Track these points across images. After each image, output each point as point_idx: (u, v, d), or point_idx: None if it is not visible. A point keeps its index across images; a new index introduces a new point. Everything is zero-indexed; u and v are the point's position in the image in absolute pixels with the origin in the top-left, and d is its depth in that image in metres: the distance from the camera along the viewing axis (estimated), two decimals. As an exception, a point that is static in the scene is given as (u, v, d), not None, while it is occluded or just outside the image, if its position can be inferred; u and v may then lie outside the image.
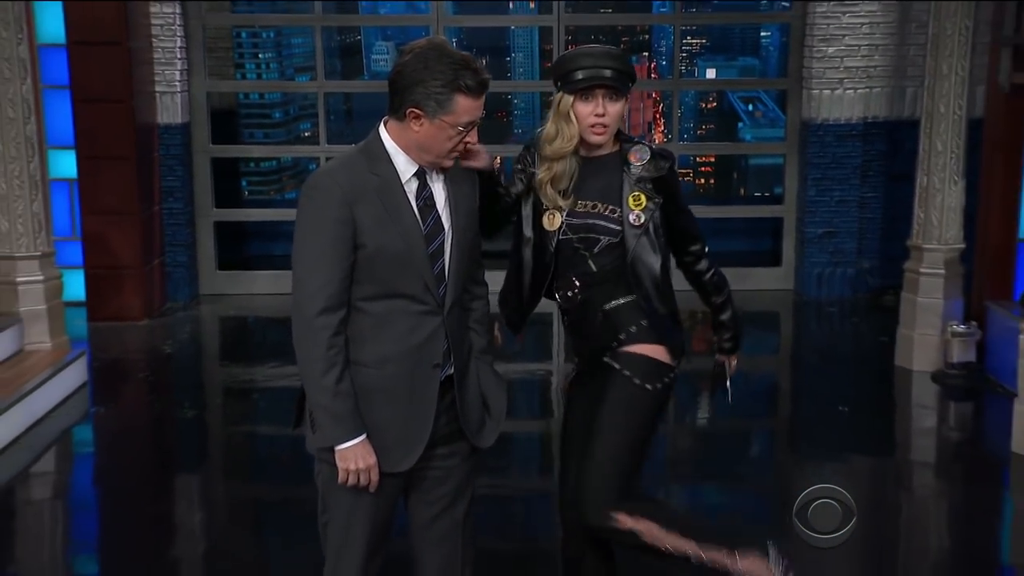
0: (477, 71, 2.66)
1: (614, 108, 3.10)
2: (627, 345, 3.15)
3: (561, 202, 3.12)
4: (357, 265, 2.66)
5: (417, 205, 2.73)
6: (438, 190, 2.78)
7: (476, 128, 2.76)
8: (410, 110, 2.66)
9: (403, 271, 2.70)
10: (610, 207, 3.12)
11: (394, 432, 2.74)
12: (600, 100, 3.08)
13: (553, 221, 3.14)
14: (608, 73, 3.08)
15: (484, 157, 2.95)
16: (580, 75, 3.07)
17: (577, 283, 3.17)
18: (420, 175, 2.75)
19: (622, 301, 3.14)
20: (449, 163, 2.77)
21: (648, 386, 3.12)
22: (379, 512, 2.81)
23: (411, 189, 2.73)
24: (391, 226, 2.67)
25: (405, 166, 2.73)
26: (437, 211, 2.77)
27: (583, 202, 3.14)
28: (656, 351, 3.15)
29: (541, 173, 3.14)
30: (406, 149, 2.72)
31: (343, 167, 2.71)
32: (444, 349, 2.78)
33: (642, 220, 3.11)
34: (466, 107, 2.67)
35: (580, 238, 3.13)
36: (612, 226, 3.11)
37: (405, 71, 2.66)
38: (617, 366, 3.14)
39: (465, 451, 2.92)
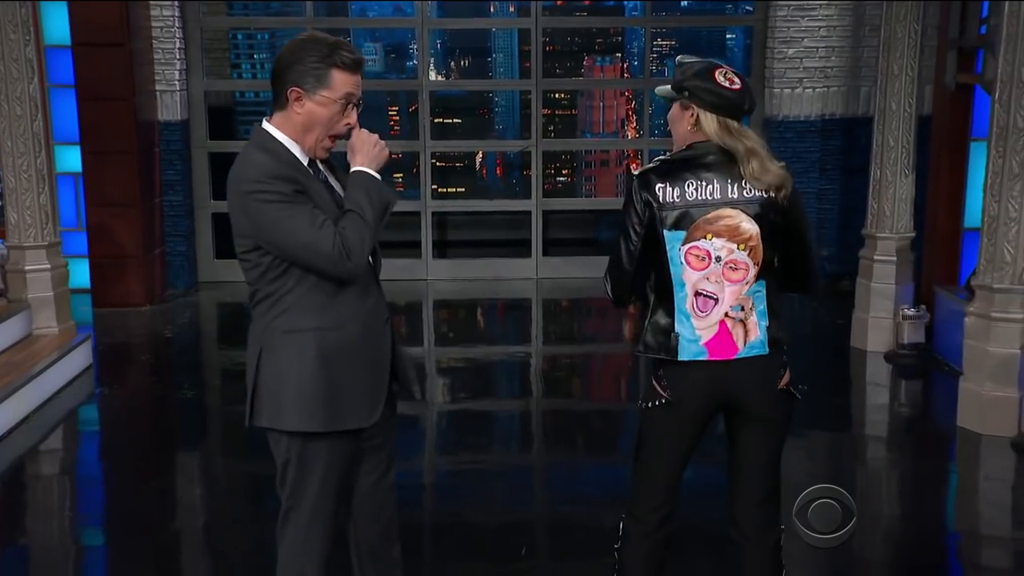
0: (351, 50, 2.67)
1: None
2: None
3: None
4: None
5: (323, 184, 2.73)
6: (330, 177, 2.79)
7: (356, 109, 2.71)
8: (291, 90, 2.64)
9: None
10: None
11: (360, 388, 2.73)
12: None
13: None
14: None
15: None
16: None
17: None
18: (312, 164, 2.73)
19: None
20: (322, 154, 2.72)
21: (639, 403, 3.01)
22: (339, 495, 2.81)
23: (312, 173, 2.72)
24: (323, 202, 2.66)
25: (300, 155, 2.70)
26: (338, 194, 2.76)
27: None
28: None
29: None
30: (296, 138, 2.69)
31: (263, 161, 2.64)
32: (385, 306, 2.82)
33: None
34: (343, 81, 2.65)
35: None
36: None
37: (282, 57, 2.67)
38: None
39: (391, 418, 2.92)
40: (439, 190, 9.82)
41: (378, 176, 2.70)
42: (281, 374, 2.69)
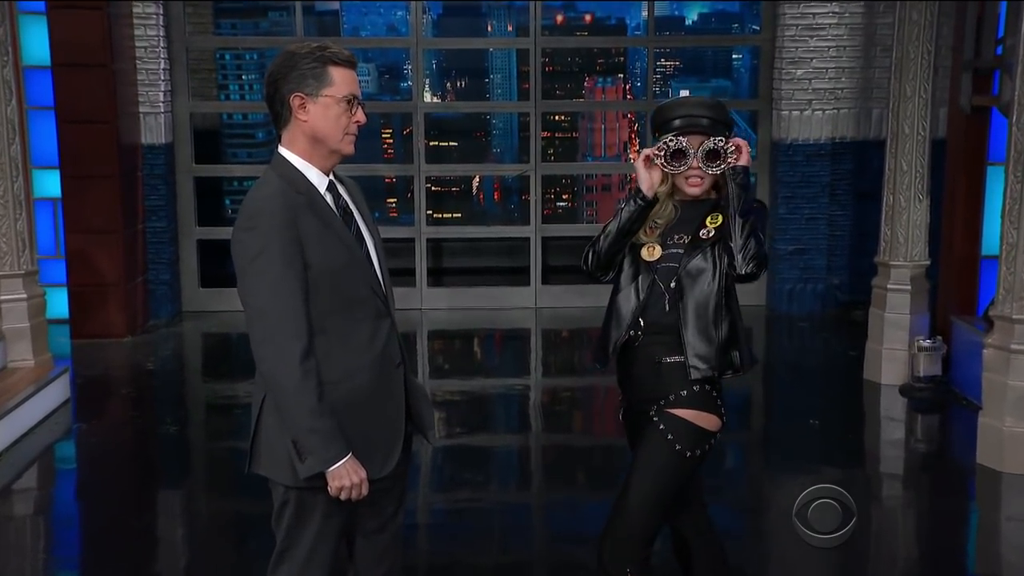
0: (340, 48, 2.70)
1: None
2: (675, 407, 3.09)
3: (643, 238, 3.12)
4: (310, 285, 2.62)
5: (339, 215, 2.73)
6: (349, 201, 2.80)
7: (362, 107, 2.73)
8: (293, 96, 2.66)
9: (351, 279, 2.69)
10: (684, 235, 3.11)
11: (373, 439, 2.72)
12: None
13: (652, 252, 3.11)
14: (704, 121, 3.08)
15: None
16: (677, 123, 3.08)
17: (642, 324, 3.11)
18: (332, 188, 2.75)
19: (679, 359, 3.08)
20: (349, 148, 2.73)
21: (688, 453, 3.08)
22: (339, 539, 2.81)
23: (329, 201, 2.73)
24: (331, 238, 2.67)
25: (318, 180, 2.71)
26: (355, 219, 2.78)
27: (672, 237, 3.12)
28: (702, 418, 3.09)
29: None
30: (308, 156, 2.70)
31: (275, 192, 2.66)
32: (398, 348, 2.81)
33: (711, 234, 3.07)
34: (342, 77, 2.68)
35: (663, 269, 3.09)
36: (678, 251, 3.09)
37: (275, 71, 2.69)
38: (662, 426, 3.09)
39: (404, 461, 2.90)
40: (434, 216, 9.83)
41: (314, 460, 2.64)
42: (282, 427, 2.67)
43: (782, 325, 8.36)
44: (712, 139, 3.06)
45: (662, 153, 3.07)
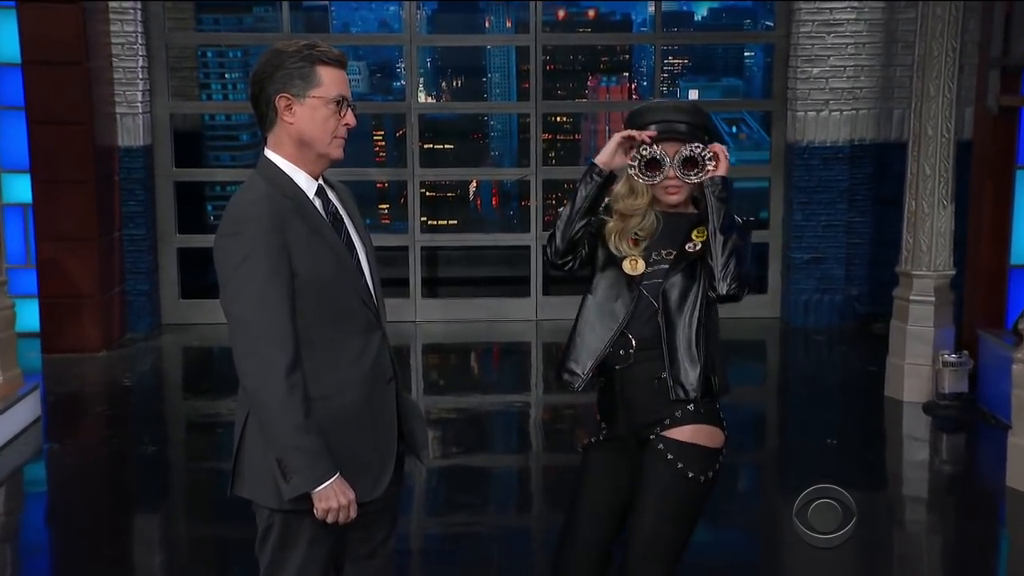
0: (327, 47, 2.70)
1: None
2: (678, 425, 3.05)
3: (626, 250, 3.10)
4: (296, 295, 2.62)
5: (328, 222, 2.73)
6: (339, 207, 2.80)
7: (353, 111, 2.73)
8: (279, 97, 2.66)
9: (340, 289, 2.69)
10: (670, 250, 3.10)
11: (362, 459, 2.72)
12: None
13: (636, 266, 3.10)
14: (682, 127, 3.07)
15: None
16: (653, 129, 3.07)
17: (634, 342, 3.09)
18: (321, 193, 2.75)
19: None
20: (337, 153, 2.74)
21: (702, 478, 3.04)
22: (327, 565, 2.79)
23: (318, 206, 2.73)
24: (320, 245, 2.66)
25: (307, 184, 2.72)
26: (346, 226, 2.78)
27: (658, 252, 3.11)
28: (707, 434, 3.06)
29: (611, 223, 3.13)
30: (296, 160, 2.70)
31: (261, 196, 2.66)
32: (389, 362, 2.81)
33: (697, 248, 3.06)
34: (331, 77, 2.68)
35: (651, 286, 3.08)
36: (664, 266, 3.09)
37: (260, 71, 2.69)
38: (670, 456, 3.04)
39: (396, 482, 2.89)
40: (429, 223, 9.83)
41: (299, 480, 2.61)
42: (266, 446, 2.66)
43: (798, 338, 8.35)
44: (688, 146, 3.04)
45: (636, 163, 3.06)
